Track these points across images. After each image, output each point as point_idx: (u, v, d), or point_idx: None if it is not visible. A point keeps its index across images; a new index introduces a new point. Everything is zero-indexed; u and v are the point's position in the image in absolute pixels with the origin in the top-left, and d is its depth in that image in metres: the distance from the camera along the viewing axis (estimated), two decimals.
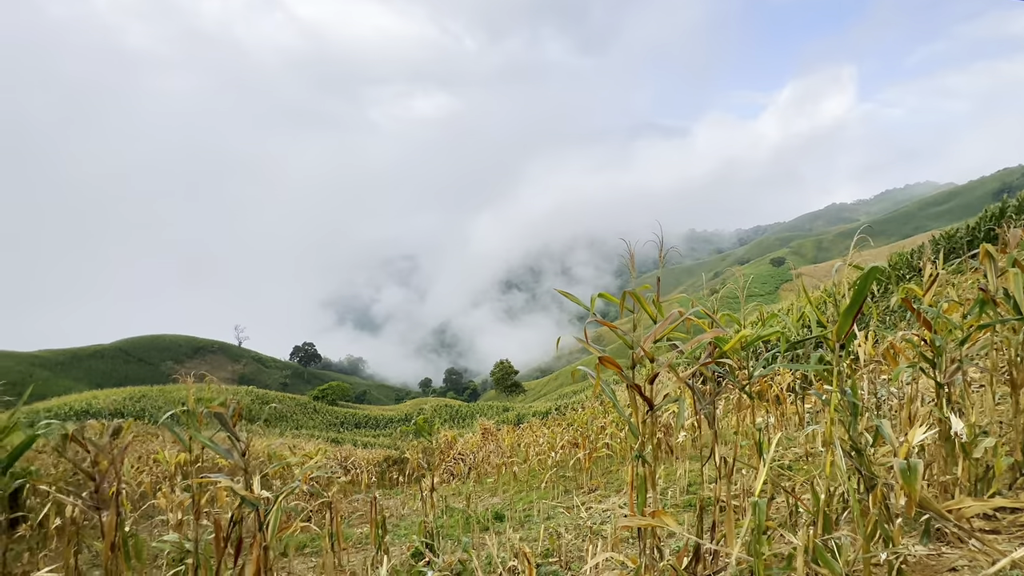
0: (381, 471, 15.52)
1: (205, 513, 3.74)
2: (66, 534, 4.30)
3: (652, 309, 2.24)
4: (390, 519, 9.01)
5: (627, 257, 2.47)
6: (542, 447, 10.52)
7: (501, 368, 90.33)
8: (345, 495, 12.02)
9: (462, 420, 44.74)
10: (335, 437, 32.78)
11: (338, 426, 44.57)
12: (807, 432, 5.12)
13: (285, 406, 46.39)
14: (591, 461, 8.20)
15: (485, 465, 12.04)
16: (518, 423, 23.79)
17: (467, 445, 14.19)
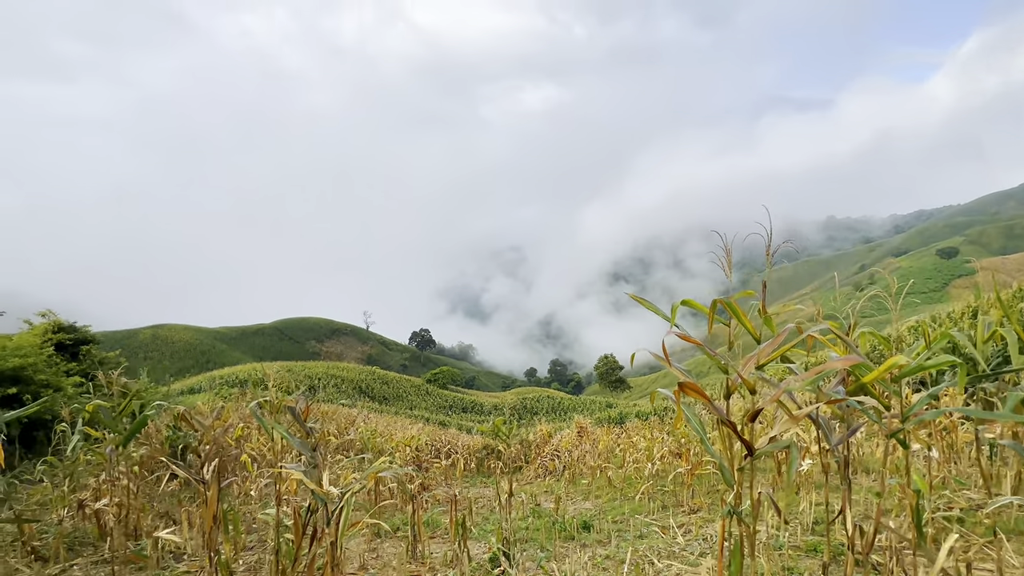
0: (480, 458, 15.91)
1: (285, 500, 3.94)
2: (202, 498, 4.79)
3: (751, 323, 1.64)
4: (482, 510, 9.07)
5: (755, 246, 1.91)
6: (640, 453, 9.76)
7: (605, 362, 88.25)
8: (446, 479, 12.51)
9: (564, 413, 44.50)
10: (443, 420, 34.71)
11: (447, 409, 47.26)
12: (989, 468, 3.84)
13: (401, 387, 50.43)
14: (694, 477, 7.32)
15: (580, 465, 11.59)
16: (620, 422, 22.80)
17: (563, 441, 13.85)
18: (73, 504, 5.16)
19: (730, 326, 1.88)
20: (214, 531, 4.02)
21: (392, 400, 45.77)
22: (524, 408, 49.75)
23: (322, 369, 47.73)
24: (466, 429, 27.87)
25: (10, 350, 7.97)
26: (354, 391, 42.65)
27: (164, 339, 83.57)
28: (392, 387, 50.39)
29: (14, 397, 7.11)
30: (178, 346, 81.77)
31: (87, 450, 5.00)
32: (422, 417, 33.19)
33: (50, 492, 5.57)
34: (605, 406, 41.09)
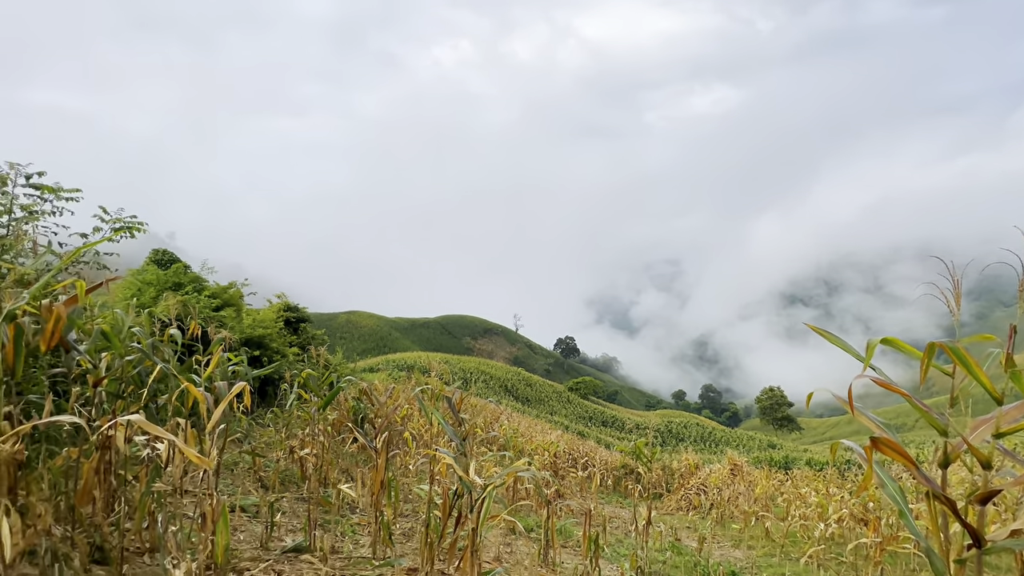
0: (617, 477, 15.39)
1: (440, 480, 4.37)
2: (371, 461, 5.58)
3: (987, 377, 1.28)
4: (615, 531, 8.76)
5: (998, 272, 1.54)
6: (810, 510, 8.31)
7: (770, 396, 77.36)
8: (580, 491, 12.41)
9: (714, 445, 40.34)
10: (582, 430, 34.47)
11: (586, 420, 46.83)
12: None
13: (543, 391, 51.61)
14: (884, 553, 5.95)
15: (731, 507, 10.37)
16: (785, 467, 19.75)
17: (712, 476, 12.58)
18: (286, 448, 6.52)
19: (953, 375, 1.50)
20: (381, 494, 4.67)
21: (534, 403, 47.18)
22: (669, 432, 46.53)
23: (474, 364, 51.69)
24: (605, 444, 27.23)
25: (257, 322, 10.44)
26: (500, 389, 45.15)
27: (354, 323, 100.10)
28: (535, 390, 51.94)
29: (256, 359, 9.27)
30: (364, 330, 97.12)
31: (299, 407, 6.27)
32: (561, 424, 33.49)
33: (273, 436, 7.10)
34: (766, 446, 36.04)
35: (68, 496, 3.21)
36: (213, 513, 2.34)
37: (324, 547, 4.11)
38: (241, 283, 12.12)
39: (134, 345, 3.01)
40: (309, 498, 5.96)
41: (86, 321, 3.43)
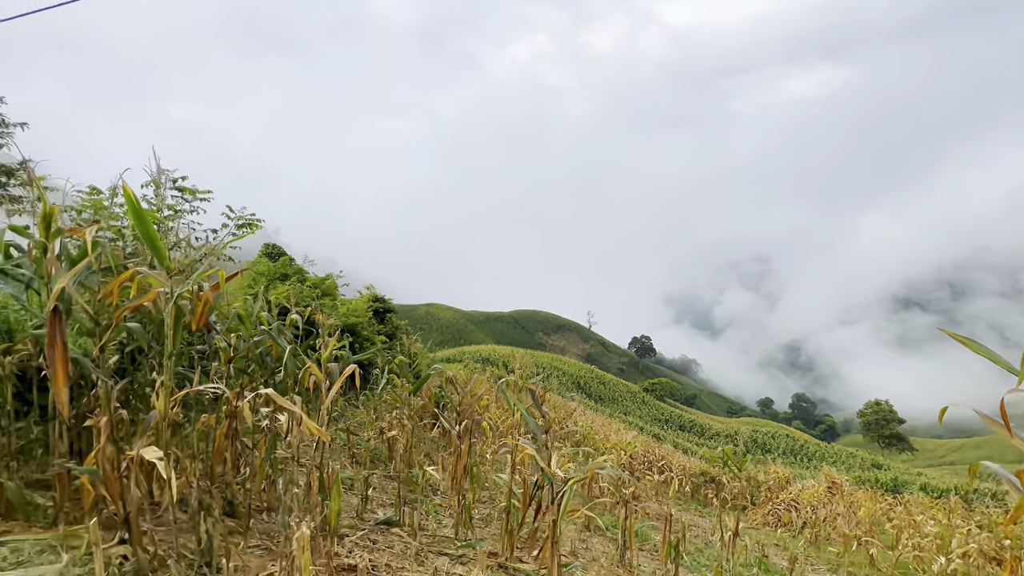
0: (696, 485, 14.71)
1: (519, 470, 4.48)
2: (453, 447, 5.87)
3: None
4: (694, 540, 8.40)
5: None
6: (927, 540, 7.37)
7: (876, 410, 69.27)
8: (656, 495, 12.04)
9: (807, 459, 36.99)
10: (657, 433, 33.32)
11: (662, 423, 45.12)
12: None
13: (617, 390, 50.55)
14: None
15: (827, 528, 9.49)
16: (894, 490, 17.66)
17: (805, 493, 11.59)
18: (376, 429, 7.03)
19: None
20: (463, 478, 4.89)
21: (607, 401, 46.36)
22: (754, 442, 43.44)
23: (547, 360, 51.81)
24: (682, 449, 26.09)
25: (351, 310, 11.32)
26: (572, 385, 44.91)
27: (433, 315, 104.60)
28: (608, 388, 50.98)
29: (350, 345, 10.07)
30: (441, 322, 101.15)
31: (388, 391, 6.73)
32: (636, 425, 32.61)
33: (364, 417, 7.67)
34: (870, 465, 32.42)
35: (206, 457, 3.72)
36: (328, 480, 2.61)
37: (413, 523, 4.39)
38: (336, 275, 13.17)
39: (261, 328, 3.41)
40: (396, 477, 6.38)
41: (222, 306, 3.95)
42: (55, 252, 2.38)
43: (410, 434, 5.53)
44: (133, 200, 2.18)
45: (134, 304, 2.45)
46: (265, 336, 3.67)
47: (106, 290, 2.44)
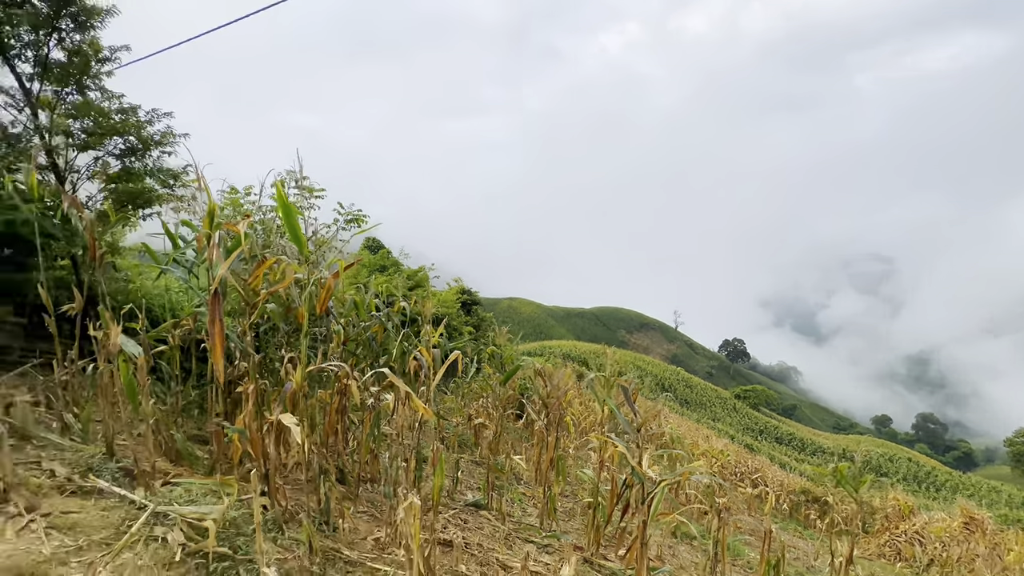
0: (796, 503, 13.49)
1: (607, 467, 4.43)
2: (537, 438, 5.98)
3: None
4: (794, 563, 7.74)
5: None
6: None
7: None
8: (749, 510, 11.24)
9: (933, 489, 32.16)
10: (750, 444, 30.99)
11: (756, 433, 41.84)
12: None
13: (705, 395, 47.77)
14: None
15: (962, 570, 8.21)
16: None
17: (933, 527, 10.11)
18: (465, 416, 7.35)
19: None
20: (549, 470, 4.95)
21: (693, 406, 44.00)
22: (867, 464, 38.67)
23: (629, 359, 50.31)
24: (779, 463, 24.01)
25: (440, 301, 11.91)
26: (656, 387, 43.22)
27: (515, 309, 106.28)
28: (695, 392, 48.33)
29: None
30: (523, 317, 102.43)
31: (476, 380, 7.00)
32: (726, 433, 30.61)
33: (453, 403, 8.05)
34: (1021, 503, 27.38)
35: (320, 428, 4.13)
36: (433, 459, 2.80)
37: (500, 509, 4.56)
38: (429, 267, 13.87)
39: (372, 315, 3.72)
40: (482, 462, 6.63)
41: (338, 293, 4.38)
42: (216, 243, 2.79)
43: (498, 423, 5.71)
44: (283, 198, 2.50)
45: (274, 288, 2.81)
46: (374, 322, 4.00)
47: (254, 276, 2.81)
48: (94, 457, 2.75)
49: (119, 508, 2.24)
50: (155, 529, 2.04)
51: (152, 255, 3.68)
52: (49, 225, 4.08)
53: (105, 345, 2.97)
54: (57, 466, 2.45)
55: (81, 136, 5.00)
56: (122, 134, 5.08)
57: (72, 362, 3.36)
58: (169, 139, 5.40)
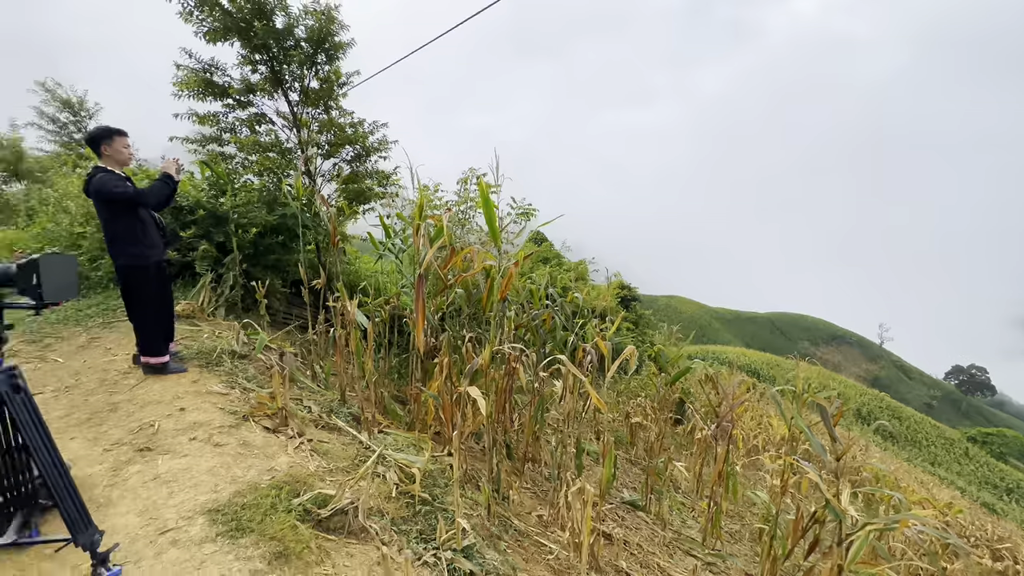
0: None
1: (791, 493, 3.89)
2: (699, 448, 5.60)
3: None
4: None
5: None
6: None
7: None
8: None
9: None
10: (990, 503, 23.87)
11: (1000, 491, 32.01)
12: None
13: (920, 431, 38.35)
14: None
15: None
16: None
17: None
18: (623, 412, 7.24)
19: None
20: (716, 485, 4.58)
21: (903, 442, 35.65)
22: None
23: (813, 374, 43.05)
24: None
25: (599, 295, 11.86)
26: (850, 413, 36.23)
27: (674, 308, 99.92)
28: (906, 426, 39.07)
29: None
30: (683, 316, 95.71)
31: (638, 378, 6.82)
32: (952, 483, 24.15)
33: (609, 398, 7.98)
34: None
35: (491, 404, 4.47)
36: (604, 449, 2.84)
37: (660, 513, 4.39)
38: (589, 261, 13.90)
39: (547, 304, 3.91)
40: (638, 463, 6.44)
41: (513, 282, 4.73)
42: (423, 232, 3.23)
43: (661, 425, 5.49)
44: (486, 194, 2.79)
45: (469, 274, 3.14)
46: (546, 311, 4.19)
47: (453, 262, 3.19)
48: (333, 402, 3.48)
49: (352, 445, 2.80)
50: (377, 467, 2.50)
51: (374, 243, 4.45)
52: (305, 218, 5.25)
53: (342, 314, 3.72)
54: (312, 405, 3.17)
55: (325, 147, 6.29)
56: (352, 143, 6.23)
57: (318, 325, 4.28)
58: (384, 146, 6.43)
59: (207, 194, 5.14)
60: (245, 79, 5.82)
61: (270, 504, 1.97)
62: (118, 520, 1.86)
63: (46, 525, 1.84)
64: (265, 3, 5.51)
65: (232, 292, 4.85)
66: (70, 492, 1.57)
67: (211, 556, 1.68)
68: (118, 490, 2.06)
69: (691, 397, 8.36)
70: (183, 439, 2.42)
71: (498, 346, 3.71)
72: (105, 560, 1.61)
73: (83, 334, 4.03)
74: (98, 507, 1.92)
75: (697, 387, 8.83)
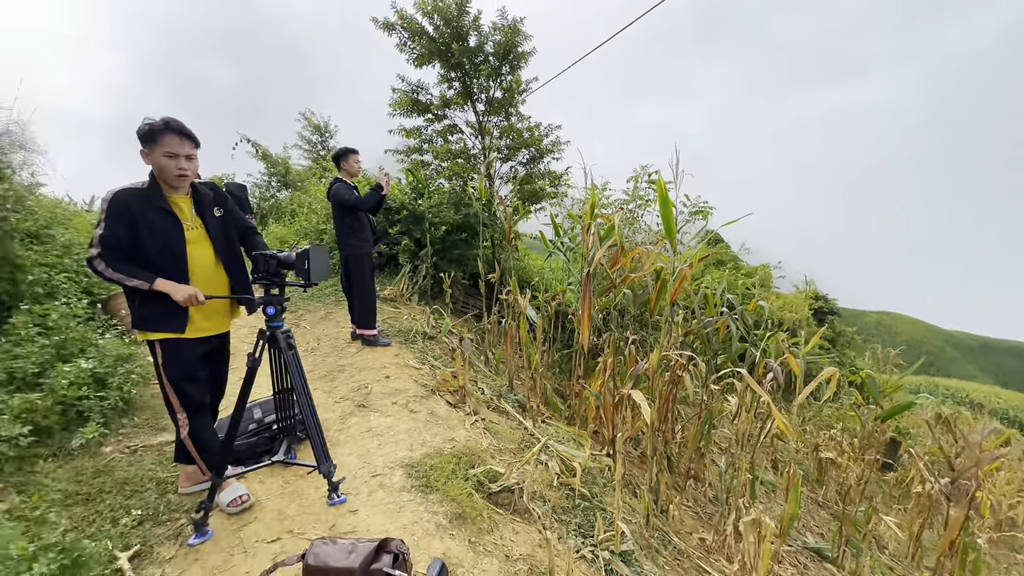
0: None
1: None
2: (919, 505, 4.53)
3: None
4: None
5: None
6: None
7: None
8: None
9: None
10: None
11: None
12: None
13: None
14: None
15: None
16: None
17: None
18: (810, 445, 6.21)
19: None
20: (945, 557, 3.61)
21: None
22: None
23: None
24: None
25: (786, 305, 10.34)
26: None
27: (887, 327, 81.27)
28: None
29: None
30: (900, 338, 77.17)
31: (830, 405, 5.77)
32: None
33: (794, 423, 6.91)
34: None
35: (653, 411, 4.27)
36: (789, 481, 2.50)
37: (860, 573, 3.65)
38: (775, 265, 12.24)
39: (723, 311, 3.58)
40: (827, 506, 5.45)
41: None
42: (593, 231, 3.26)
43: (863, 466, 4.56)
44: (664, 192, 2.70)
45: (639, 275, 3.06)
46: (721, 318, 3.84)
47: (624, 261, 3.15)
48: (502, 387, 3.77)
49: (518, 430, 3.00)
50: (540, 455, 2.63)
51: (544, 241, 4.66)
52: (484, 217, 5.78)
53: (512, 307, 3.99)
54: (484, 387, 3.49)
55: (504, 151, 6.80)
56: (528, 147, 6.60)
57: (492, 316, 4.66)
58: (558, 147, 6.66)
59: (409, 197, 6.05)
60: (443, 95, 6.65)
61: (451, 470, 2.24)
62: (343, 459, 2.34)
63: (300, 453, 2.41)
64: (462, 26, 6.20)
65: (424, 281, 5.62)
66: (318, 430, 2.03)
67: (408, 504, 1.99)
68: (343, 435, 2.59)
69: (910, 440, 6.73)
70: (387, 402, 2.92)
71: (666, 351, 3.54)
72: (336, 488, 2.05)
73: (322, 309, 5.14)
74: (331, 446, 2.45)
75: (921, 429, 7.03)
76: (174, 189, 1.92)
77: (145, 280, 1.81)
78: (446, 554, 1.73)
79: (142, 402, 3.01)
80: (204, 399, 2.03)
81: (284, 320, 2.04)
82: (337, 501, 2.01)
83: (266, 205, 11.35)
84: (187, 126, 1.86)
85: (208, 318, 1.99)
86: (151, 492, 2.16)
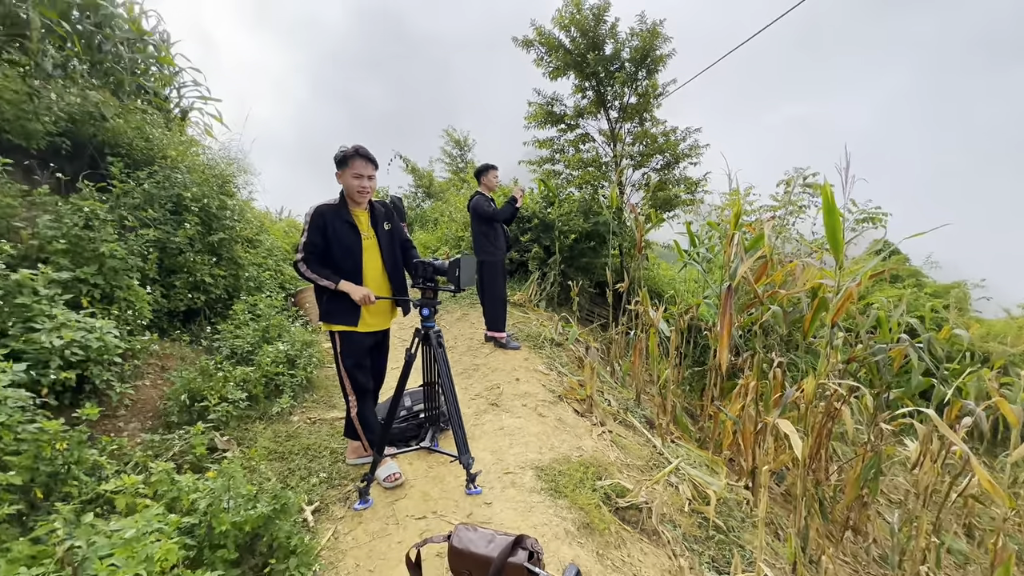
0: None
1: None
2: None
3: None
4: None
5: None
6: None
7: None
8: None
9: None
10: None
11: None
12: None
13: None
14: None
15: None
16: None
17: None
18: None
19: None
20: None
21: None
22: None
23: None
24: None
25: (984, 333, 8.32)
26: None
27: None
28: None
29: None
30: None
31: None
32: None
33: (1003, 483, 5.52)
34: None
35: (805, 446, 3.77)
36: (998, 556, 2.03)
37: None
38: (974, 285, 9.99)
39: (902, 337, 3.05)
40: None
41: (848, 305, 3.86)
42: (737, 241, 3.01)
43: None
44: (830, 199, 2.41)
45: (791, 291, 2.76)
46: (897, 345, 3.25)
47: (775, 276, 2.87)
48: (628, 400, 3.68)
49: (646, 447, 2.91)
50: (670, 476, 2.52)
51: (679, 250, 4.44)
52: (614, 225, 5.71)
53: (641, 318, 3.87)
54: (611, 399, 3.45)
55: (637, 157, 6.63)
56: (663, 152, 6.34)
57: (619, 326, 4.58)
58: (695, 151, 6.29)
59: (540, 206, 6.24)
60: (576, 105, 6.74)
61: (579, 478, 2.27)
62: (478, 453, 2.51)
63: (441, 441, 2.65)
64: (598, 35, 6.22)
65: (551, 288, 5.74)
66: (459, 423, 2.22)
67: (537, 505, 2.07)
68: (479, 431, 2.78)
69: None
70: (517, 404, 3.05)
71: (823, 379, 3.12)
72: (473, 479, 2.21)
73: (458, 311, 5.57)
74: (468, 440, 2.64)
75: None
76: (356, 204, 2.28)
77: (332, 281, 2.19)
78: (575, 561, 1.76)
79: (319, 382, 3.59)
80: (369, 385, 2.37)
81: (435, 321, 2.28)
82: (474, 492, 2.18)
83: (412, 214, 12.70)
84: (371, 151, 2.21)
85: (374, 315, 2.32)
86: (326, 459, 2.57)
